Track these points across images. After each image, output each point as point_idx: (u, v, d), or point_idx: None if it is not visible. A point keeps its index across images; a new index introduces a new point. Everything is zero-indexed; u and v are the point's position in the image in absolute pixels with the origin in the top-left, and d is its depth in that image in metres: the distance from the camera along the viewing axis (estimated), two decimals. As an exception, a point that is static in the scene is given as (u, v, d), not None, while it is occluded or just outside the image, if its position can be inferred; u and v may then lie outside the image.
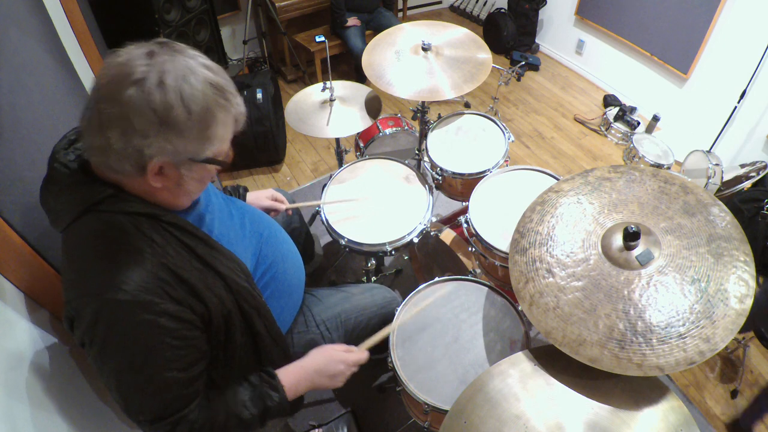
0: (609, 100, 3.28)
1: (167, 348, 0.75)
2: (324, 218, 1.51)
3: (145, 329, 0.72)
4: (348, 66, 3.62)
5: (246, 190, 1.33)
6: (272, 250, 1.05)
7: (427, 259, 1.92)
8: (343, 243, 1.45)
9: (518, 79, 3.61)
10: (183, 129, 0.68)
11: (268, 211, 1.33)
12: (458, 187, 1.67)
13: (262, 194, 1.34)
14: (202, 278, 0.80)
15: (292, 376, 0.97)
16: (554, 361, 0.90)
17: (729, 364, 1.90)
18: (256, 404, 0.91)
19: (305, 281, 1.21)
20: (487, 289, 1.30)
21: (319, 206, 1.53)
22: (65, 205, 0.76)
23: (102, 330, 0.72)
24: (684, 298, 0.83)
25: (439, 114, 1.81)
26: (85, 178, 0.75)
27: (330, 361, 1.02)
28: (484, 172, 1.57)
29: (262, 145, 2.64)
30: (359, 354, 1.07)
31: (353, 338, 1.26)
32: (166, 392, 0.78)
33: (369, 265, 1.69)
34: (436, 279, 1.32)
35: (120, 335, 0.72)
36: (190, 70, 0.69)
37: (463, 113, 1.78)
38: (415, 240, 1.47)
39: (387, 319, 1.28)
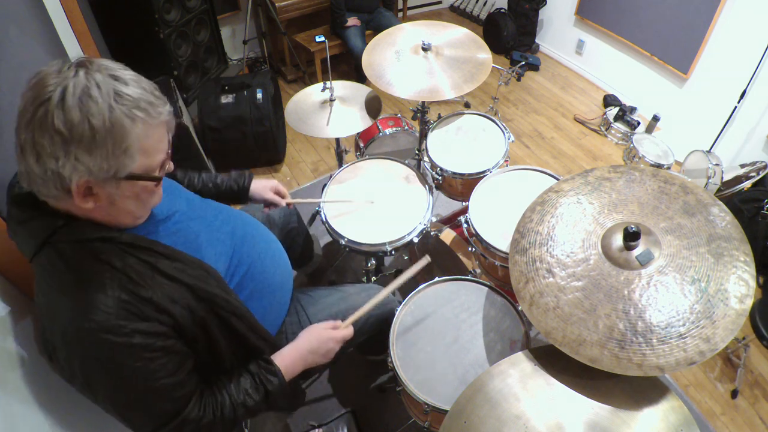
0: (609, 100, 3.28)
1: (148, 362, 0.75)
2: (324, 218, 1.50)
3: (121, 351, 0.72)
4: (348, 66, 3.62)
5: (252, 176, 1.33)
6: (248, 249, 1.04)
7: (427, 259, 1.92)
8: (343, 243, 1.45)
9: (518, 79, 3.61)
10: (90, 146, 0.66)
11: (267, 204, 1.34)
12: (458, 187, 1.67)
13: (266, 184, 1.34)
14: (167, 293, 0.79)
15: (287, 358, 1.01)
16: (554, 361, 0.90)
17: (729, 364, 1.90)
18: (258, 390, 0.94)
19: (305, 281, 1.21)
20: (487, 289, 1.30)
21: (319, 206, 1.53)
22: (24, 240, 0.77)
23: (78, 362, 0.73)
24: (684, 298, 0.83)
25: (439, 114, 1.81)
26: (34, 213, 0.75)
27: (321, 341, 1.05)
28: (484, 172, 1.57)
29: (262, 145, 2.64)
30: (346, 330, 1.10)
31: (351, 338, 1.26)
32: (162, 400, 0.80)
33: (369, 265, 1.69)
34: (436, 279, 1.32)
35: (98, 364, 0.73)
36: (95, 84, 0.66)
37: (463, 113, 1.78)
38: (415, 240, 1.47)
39: (385, 318, 1.27)
